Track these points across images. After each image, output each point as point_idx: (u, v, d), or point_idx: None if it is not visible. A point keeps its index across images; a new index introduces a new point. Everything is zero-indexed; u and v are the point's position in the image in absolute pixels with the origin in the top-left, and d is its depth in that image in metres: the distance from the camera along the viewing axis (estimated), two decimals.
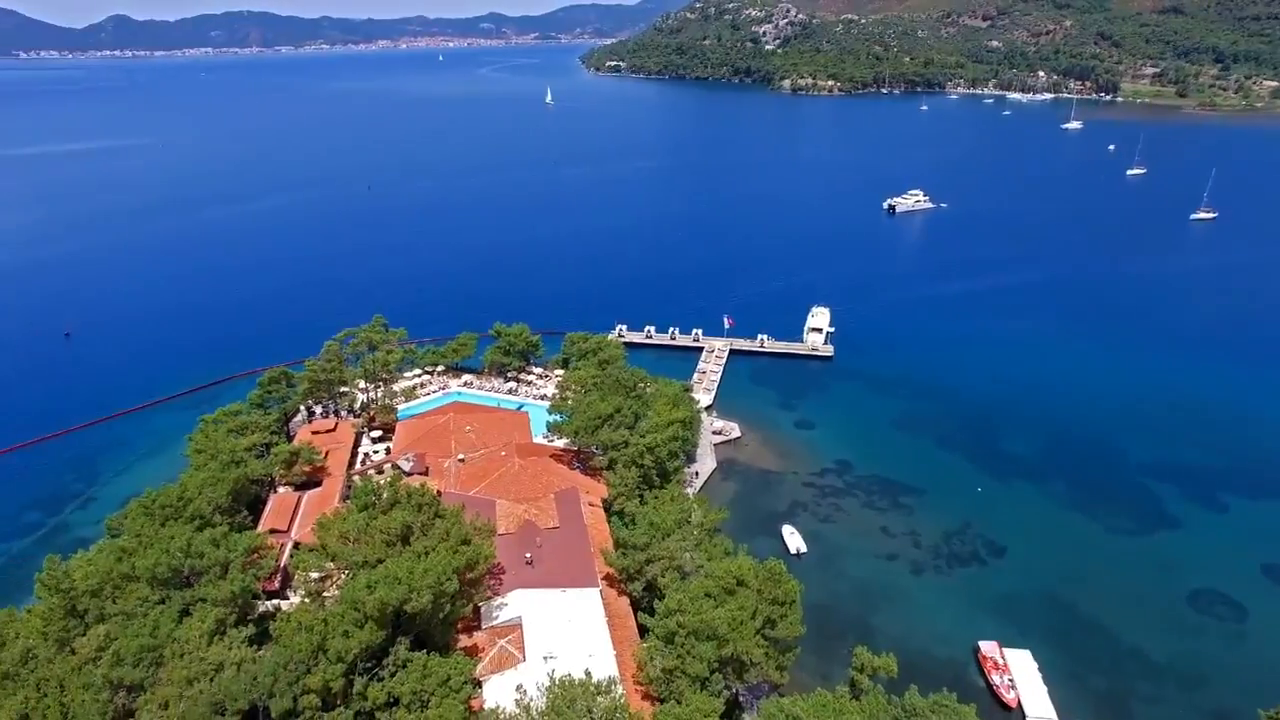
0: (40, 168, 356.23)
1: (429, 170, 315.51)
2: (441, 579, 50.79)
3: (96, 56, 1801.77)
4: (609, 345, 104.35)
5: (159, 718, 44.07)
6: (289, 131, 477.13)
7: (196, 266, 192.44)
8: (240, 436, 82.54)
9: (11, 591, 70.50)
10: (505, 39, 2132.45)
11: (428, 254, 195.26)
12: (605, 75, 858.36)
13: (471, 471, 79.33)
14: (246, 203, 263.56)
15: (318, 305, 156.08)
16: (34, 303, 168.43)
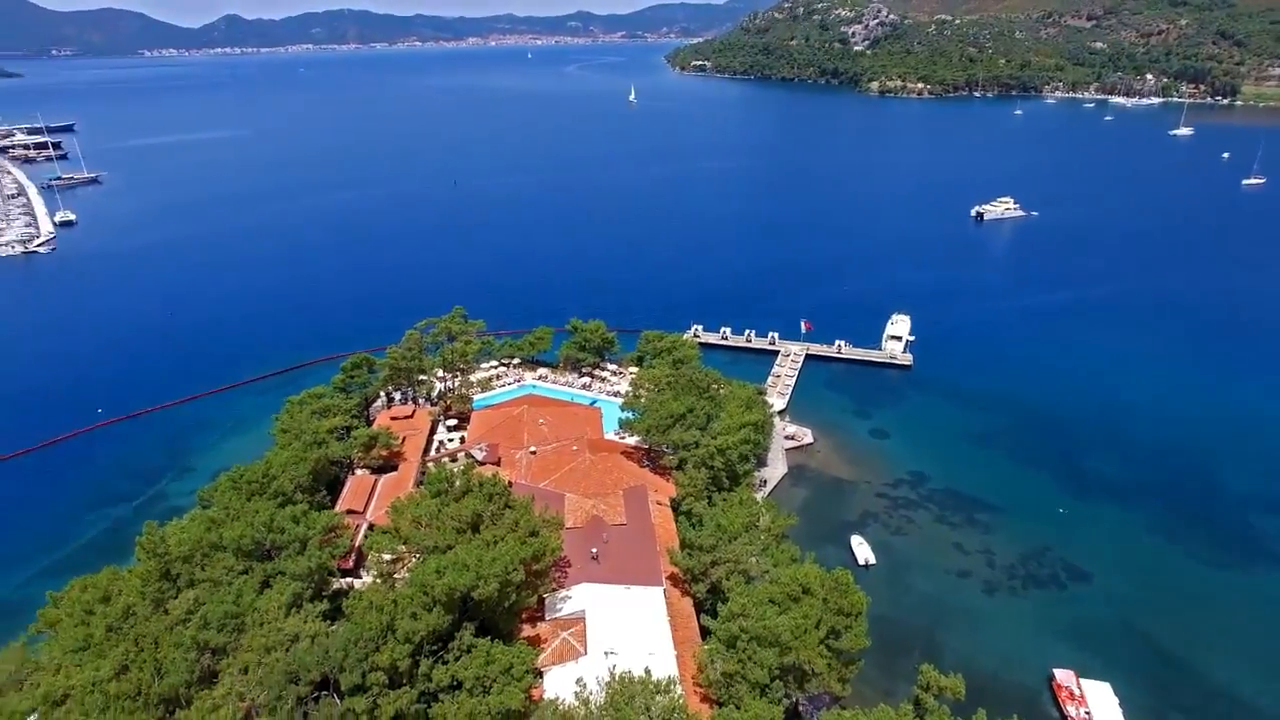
0: (151, 157, 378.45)
1: (513, 166, 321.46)
2: (509, 568, 51.80)
3: (210, 54, 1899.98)
4: (684, 345, 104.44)
5: (238, 681, 46.27)
6: (380, 125, 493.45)
7: (288, 254, 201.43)
8: (323, 419, 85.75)
9: (116, 553, 74.97)
10: (592, 37, 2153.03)
11: (509, 248, 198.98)
12: (690, 75, 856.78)
13: (542, 464, 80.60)
14: (337, 193, 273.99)
15: (401, 295, 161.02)
16: (142, 285, 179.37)
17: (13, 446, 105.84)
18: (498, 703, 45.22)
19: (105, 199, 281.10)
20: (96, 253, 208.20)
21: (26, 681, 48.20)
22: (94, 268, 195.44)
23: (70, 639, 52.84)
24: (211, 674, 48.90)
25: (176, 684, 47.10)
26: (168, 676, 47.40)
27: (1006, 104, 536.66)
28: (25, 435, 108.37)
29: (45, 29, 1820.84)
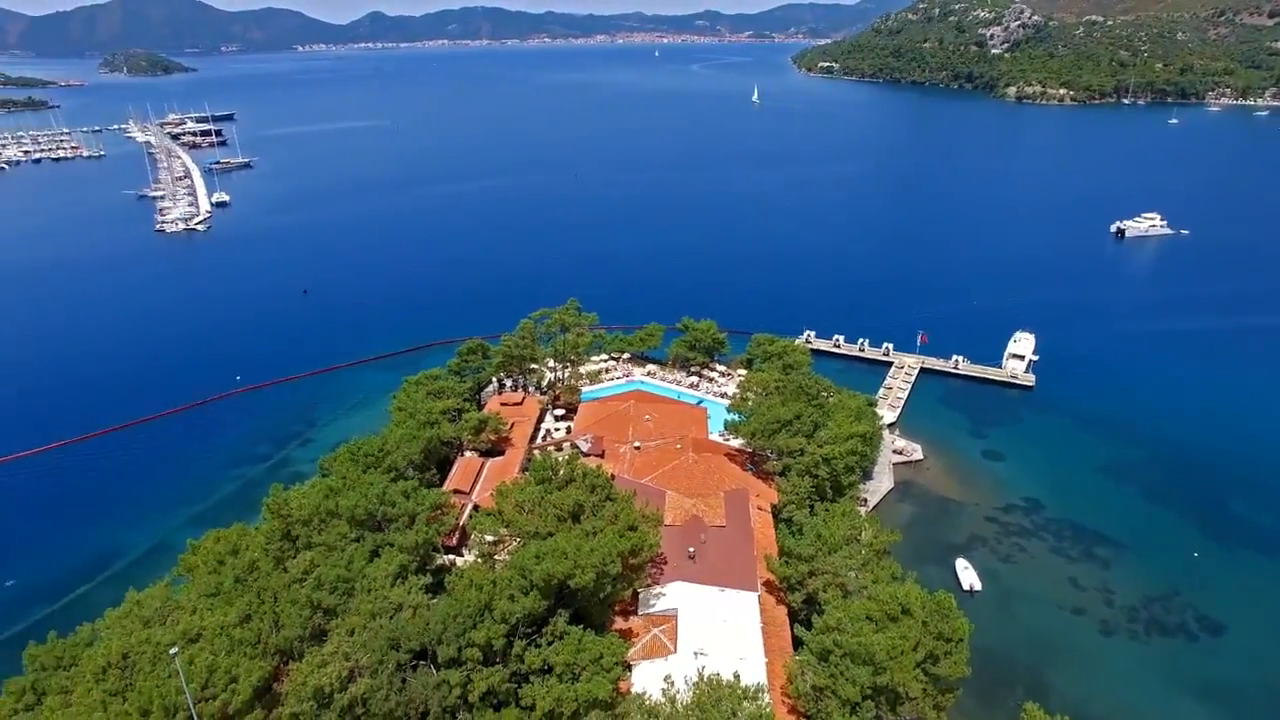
0: (297, 144, 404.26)
1: (634, 162, 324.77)
2: (606, 560, 52.56)
3: (354, 48, 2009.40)
4: (795, 350, 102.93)
5: (345, 642, 48.91)
6: (507, 118, 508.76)
7: (414, 239, 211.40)
8: (437, 400, 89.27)
9: (246, 509, 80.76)
10: (719, 36, 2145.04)
11: (625, 244, 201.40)
12: (816, 76, 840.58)
13: (646, 460, 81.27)
14: (463, 183, 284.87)
15: (518, 284, 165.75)
16: (281, 262, 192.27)
17: (164, 406, 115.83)
18: (585, 691, 45.95)
19: (255, 182, 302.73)
20: (244, 231, 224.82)
21: (169, 617, 52.64)
22: (241, 245, 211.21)
23: (204, 585, 57.40)
24: (321, 632, 51.83)
25: (291, 637, 50.28)
26: (284, 629, 50.64)
27: (1161, 112, 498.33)
28: (175, 397, 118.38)
29: (217, 28, 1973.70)
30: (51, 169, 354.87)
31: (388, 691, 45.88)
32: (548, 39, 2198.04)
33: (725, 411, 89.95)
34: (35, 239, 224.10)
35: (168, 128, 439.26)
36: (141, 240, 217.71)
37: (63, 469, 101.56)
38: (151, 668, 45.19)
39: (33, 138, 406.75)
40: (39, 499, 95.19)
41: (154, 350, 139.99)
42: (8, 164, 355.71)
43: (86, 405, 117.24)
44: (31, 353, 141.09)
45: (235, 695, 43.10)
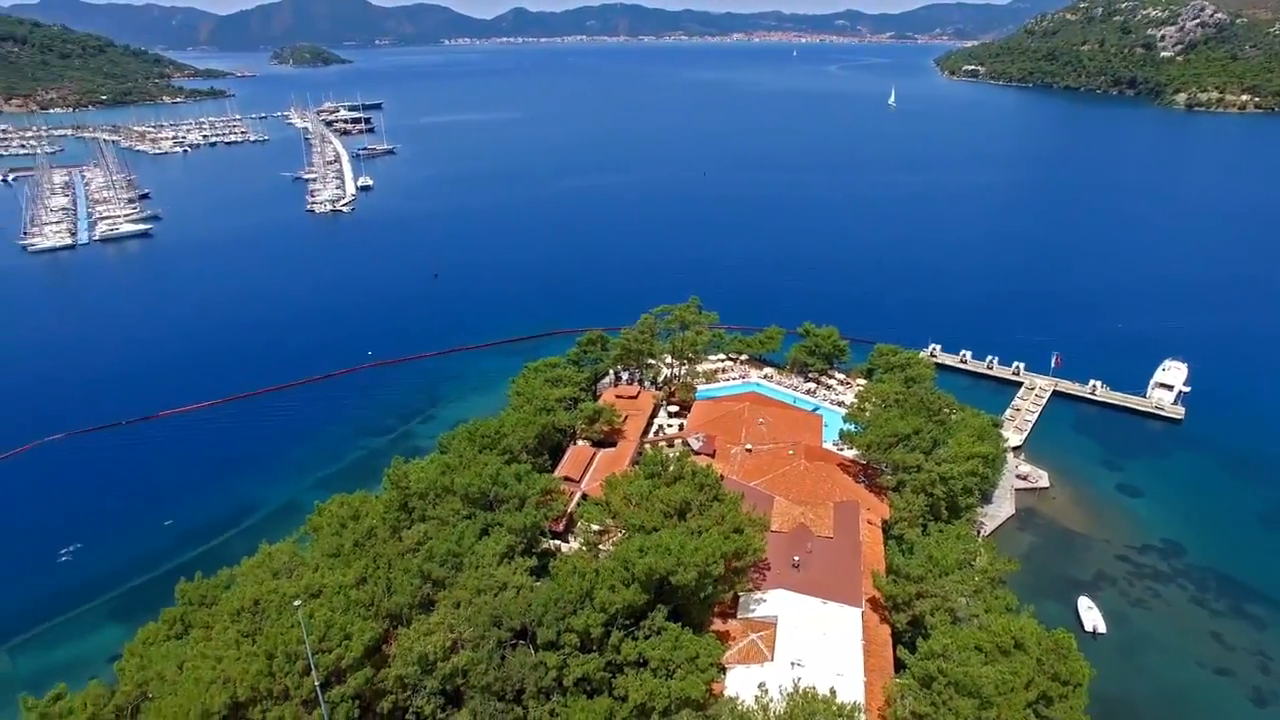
0: (437, 133, 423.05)
1: (763, 162, 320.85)
2: (709, 560, 52.32)
3: (497, 42, 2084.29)
4: (919, 363, 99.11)
5: (451, 614, 50.81)
6: (638, 114, 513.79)
7: (542, 229, 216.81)
8: (554, 387, 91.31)
9: (369, 477, 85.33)
10: (859, 36, 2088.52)
11: (749, 244, 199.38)
12: (960, 80, 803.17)
13: (756, 463, 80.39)
14: (592, 176, 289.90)
15: (639, 279, 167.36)
16: (417, 246, 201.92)
17: (303, 374, 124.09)
18: (679, 688, 45.93)
19: (397, 168, 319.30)
20: (384, 215, 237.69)
21: (295, 572, 56.36)
22: (380, 228, 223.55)
23: (326, 545, 61.04)
24: (429, 602, 54.07)
25: (401, 603, 52.74)
26: (395, 595, 53.16)
27: None
28: (313, 366, 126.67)
29: (372, 22, 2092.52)
30: (225, 151, 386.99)
31: (487, 666, 47.39)
32: (683, 36, 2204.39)
33: (841, 421, 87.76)
34: (208, 215, 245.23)
35: (323, 115, 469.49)
36: (294, 219, 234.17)
37: (217, 425, 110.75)
38: (278, 616, 48.49)
39: (210, 123, 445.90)
40: (197, 450, 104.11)
41: (297, 321, 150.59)
42: (191, 146, 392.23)
43: (238, 368, 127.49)
44: (196, 318, 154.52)
45: (348, 652, 45.61)
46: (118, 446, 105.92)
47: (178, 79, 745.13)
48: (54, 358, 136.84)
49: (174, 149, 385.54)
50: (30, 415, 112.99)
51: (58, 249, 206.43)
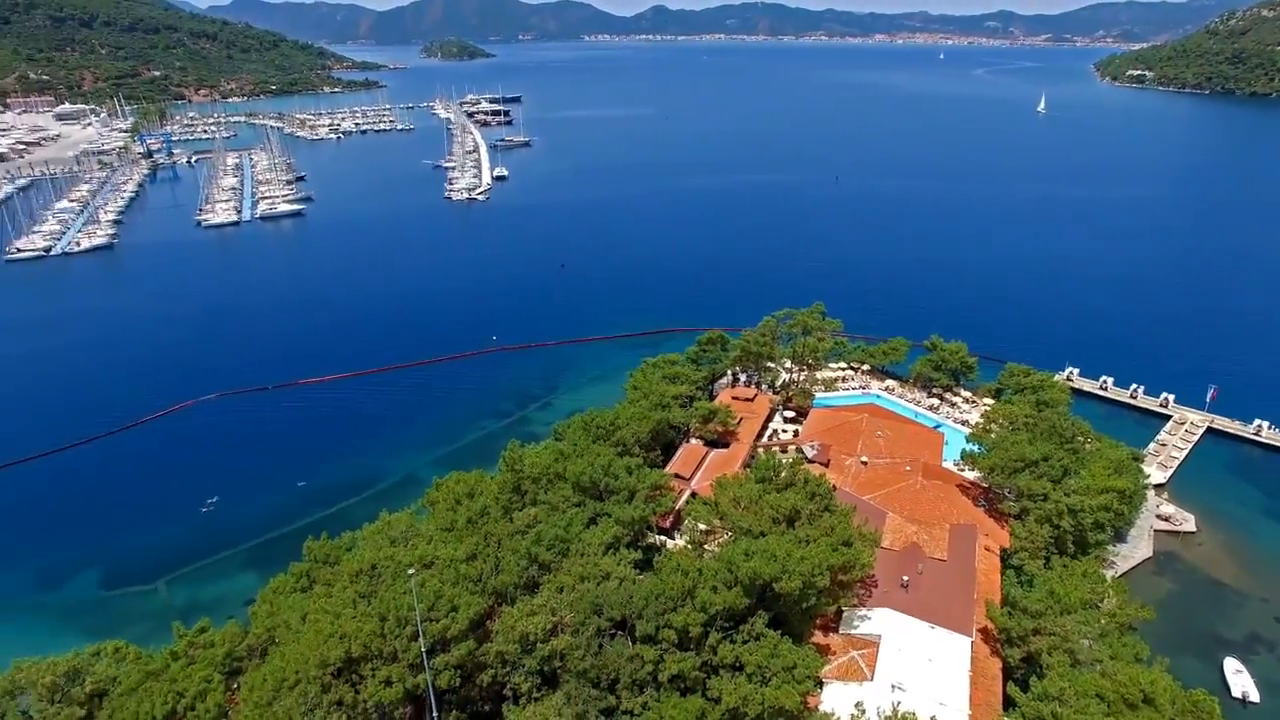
0: (572, 127, 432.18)
1: (898, 168, 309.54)
2: (815, 570, 51.15)
3: (635, 40, 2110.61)
4: (1053, 387, 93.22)
5: (554, 597, 51.91)
6: (773, 114, 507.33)
7: (669, 226, 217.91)
8: (671, 384, 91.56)
9: (485, 458, 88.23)
10: (1011, 39, 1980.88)
11: (878, 252, 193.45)
12: (1123, 85, 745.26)
13: (871, 477, 78.00)
14: (721, 175, 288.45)
15: (764, 280, 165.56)
16: (546, 236, 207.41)
17: (430, 354, 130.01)
18: (773, 696, 45.18)
19: (531, 159, 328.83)
20: (516, 204, 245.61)
21: (410, 541, 59.16)
22: (512, 217, 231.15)
23: (441, 519, 63.73)
24: (534, 584, 55.45)
25: (508, 582, 54.34)
26: (503, 573, 54.83)
27: None
28: (440, 347, 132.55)
29: (518, 18, 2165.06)
30: (375, 139, 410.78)
31: (585, 652, 48.13)
32: (824, 37, 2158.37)
33: (964, 440, 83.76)
34: (354, 198, 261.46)
35: (465, 106, 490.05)
36: (432, 205, 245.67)
37: (350, 396, 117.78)
38: (393, 581, 51.03)
39: (363, 112, 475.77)
40: (330, 419, 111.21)
41: (428, 303, 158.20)
42: (344, 134, 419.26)
43: (372, 343, 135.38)
44: (337, 293, 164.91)
45: (454, 623, 47.42)
46: (261, 409, 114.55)
47: (337, 70, 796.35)
48: (215, 323, 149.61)
49: (329, 135, 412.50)
50: (191, 374, 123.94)
51: (225, 225, 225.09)
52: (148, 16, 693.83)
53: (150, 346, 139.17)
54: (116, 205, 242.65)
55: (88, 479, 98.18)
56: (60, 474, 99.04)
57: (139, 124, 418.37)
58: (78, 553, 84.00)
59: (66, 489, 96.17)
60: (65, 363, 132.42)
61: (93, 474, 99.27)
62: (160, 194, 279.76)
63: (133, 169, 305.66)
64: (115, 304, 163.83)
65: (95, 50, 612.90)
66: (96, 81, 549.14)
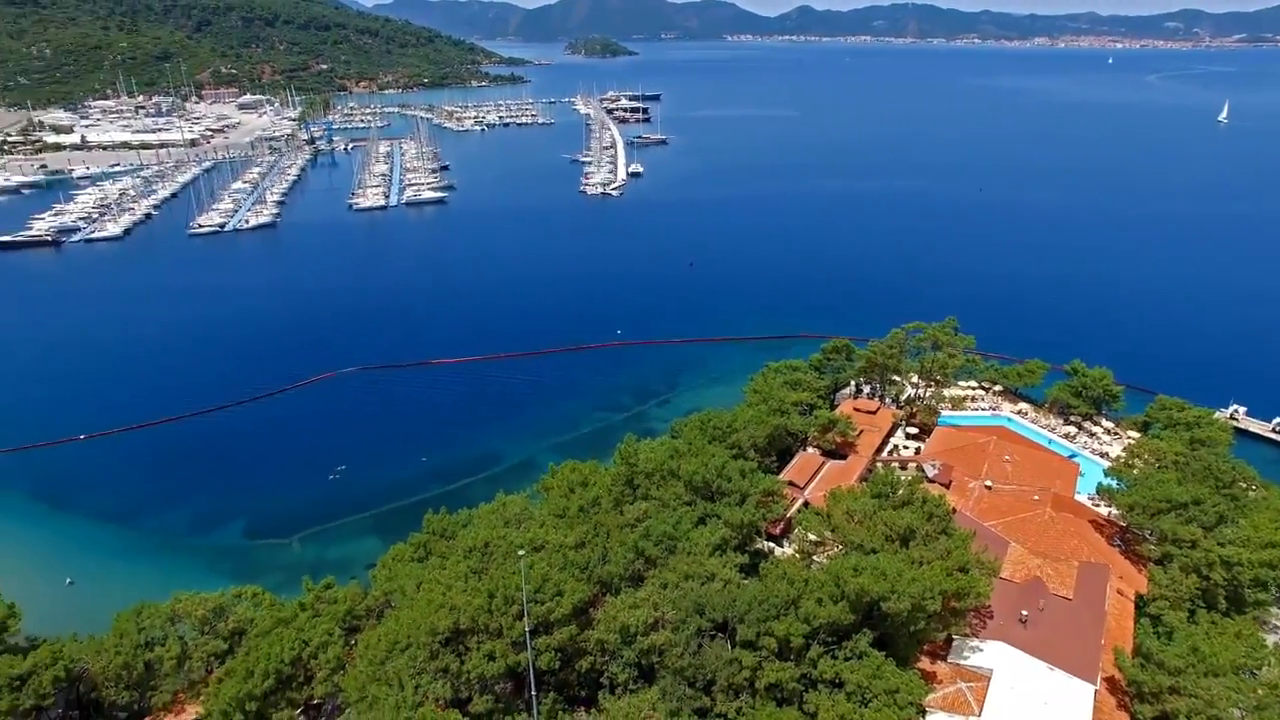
0: (709, 127, 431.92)
1: (1047, 180, 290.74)
2: (926, 593, 49.12)
3: (778, 40, 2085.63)
4: (1212, 424, 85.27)
5: (657, 592, 52.07)
6: (914, 119, 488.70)
7: (800, 229, 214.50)
8: (792, 390, 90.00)
9: (600, 449, 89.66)
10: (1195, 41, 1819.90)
11: (1020, 266, 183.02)
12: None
13: (994, 503, 74.07)
14: (857, 179, 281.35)
15: (895, 290, 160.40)
16: (676, 234, 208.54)
17: (554, 344, 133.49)
18: (872, 718, 43.79)
19: (667, 157, 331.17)
20: (649, 201, 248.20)
21: (523, 524, 61.05)
22: (644, 213, 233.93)
23: (554, 505, 65.33)
24: (639, 577, 55.94)
25: (613, 573, 55.10)
26: (609, 564, 55.62)
27: None
28: (564, 338, 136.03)
29: (662, 16, 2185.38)
30: (516, 132, 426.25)
31: (683, 650, 48.21)
32: (977, 39, 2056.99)
33: (1102, 474, 78.10)
34: (493, 188, 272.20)
35: (605, 103, 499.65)
36: (567, 199, 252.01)
37: (477, 378, 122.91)
38: (503, 561, 52.79)
39: (506, 106, 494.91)
40: (457, 399, 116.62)
41: (557, 293, 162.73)
42: (488, 126, 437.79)
43: (501, 329, 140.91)
44: (471, 279, 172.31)
45: (558, 607, 48.53)
46: (395, 385, 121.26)
47: (485, 66, 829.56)
48: (359, 300, 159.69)
49: (473, 127, 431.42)
50: (335, 347, 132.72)
51: (374, 209, 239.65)
52: (320, 15, 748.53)
53: (302, 318, 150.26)
54: (281, 187, 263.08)
55: (240, 437, 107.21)
56: (217, 430, 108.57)
57: (305, 113, 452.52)
58: (227, 503, 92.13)
59: (222, 444, 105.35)
60: (229, 329, 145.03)
61: (244, 433, 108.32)
62: (319, 178, 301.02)
63: (297, 154, 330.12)
64: (274, 278, 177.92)
65: (275, 46, 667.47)
66: (273, 74, 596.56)
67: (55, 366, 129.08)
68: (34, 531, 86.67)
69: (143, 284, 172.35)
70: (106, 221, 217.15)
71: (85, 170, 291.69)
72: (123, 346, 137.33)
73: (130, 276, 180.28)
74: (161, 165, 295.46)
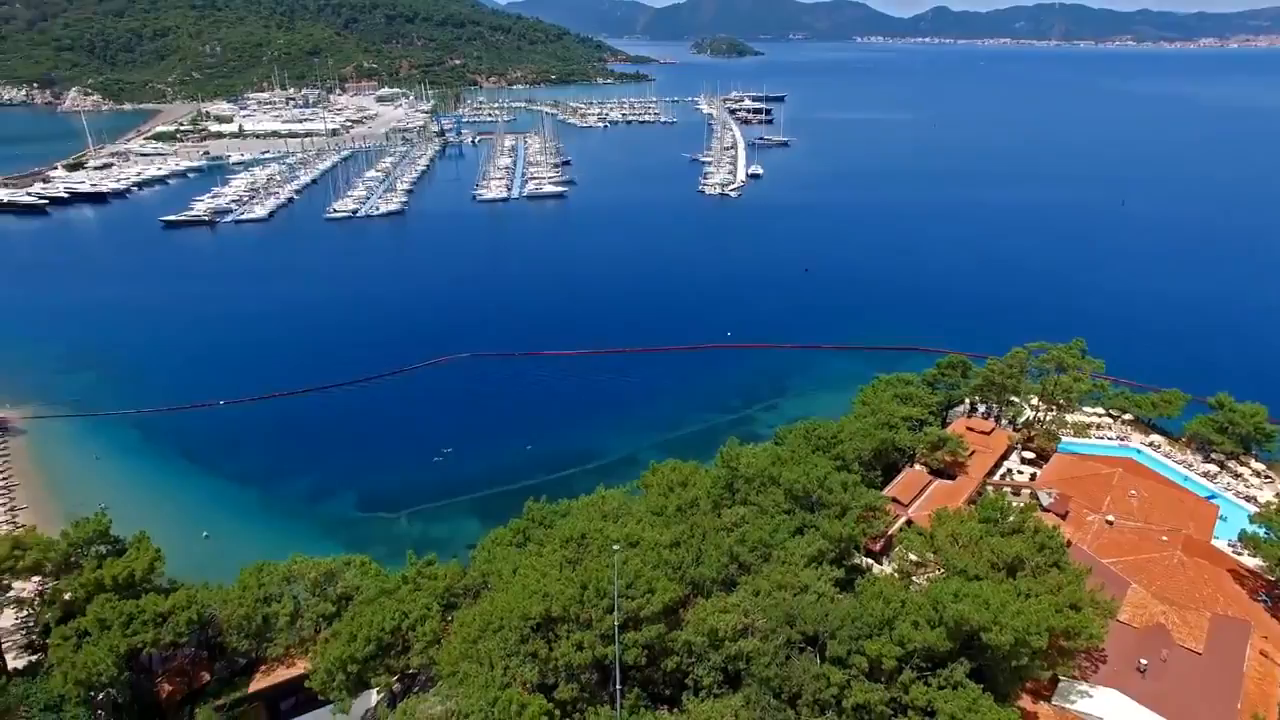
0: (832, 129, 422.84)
1: (1203, 195, 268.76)
2: (1031, 628, 46.46)
3: (910, 42, 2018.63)
4: None
5: (748, 599, 51.61)
6: (1052, 125, 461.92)
7: (921, 238, 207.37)
8: (902, 404, 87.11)
9: (702, 451, 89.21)
10: None
11: (1161, 288, 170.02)
12: None
13: (1116, 540, 69.31)
14: (987, 188, 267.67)
15: (1018, 307, 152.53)
16: (793, 238, 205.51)
17: (666, 342, 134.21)
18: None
19: (788, 160, 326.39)
20: (768, 203, 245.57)
21: (620, 519, 61.72)
22: (761, 215, 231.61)
23: (652, 503, 65.70)
24: (731, 582, 55.52)
25: (706, 575, 54.93)
26: (702, 566, 55.48)
27: None
28: (675, 337, 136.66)
29: (790, 16, 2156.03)
30: (638, 130, 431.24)
31: (771, 660, 47.57)
32: (1131, 41, 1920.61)
33: (1246, 519, 71.69)
34: (612, 184, 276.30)
35: (728, 103, 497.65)
36: (685, 198, 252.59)
37: (585, 372, 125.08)
38: (598, 553, 53.53)
39: (630, 104, 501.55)
40: (565, 391, 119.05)
41: (669, 291, 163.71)
42: (610, 123, 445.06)
43: (611, 324, 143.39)
44: (585, 273, 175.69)
45: (648, 604, 48.80)
46: (505, 374, 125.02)
47: (611, 63, 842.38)
48: (477, 288, 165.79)
49: (596, 124, 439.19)
50: (451, 332, 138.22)
51: (496, 200, 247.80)
52: (457, 13, 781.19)
53: (421, 303, 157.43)
54: (410, 176, 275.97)
55: (358, 413, 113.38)
56: (338, 405, 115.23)
57: (437, 106, 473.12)
58: (343, 474, 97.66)
59: (342, 419, 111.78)
60: (354, 309, 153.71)
61: (363, 409, 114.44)
62: (446, 169, 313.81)
63: (427, 146, 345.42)
64: (399, 263, 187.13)
65: (413, 42, 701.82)
66: (410, 69, 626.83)
67: (203, 335, 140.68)
68: (179, 486, 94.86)
69: (281, 263, 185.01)
70: (254, 204, 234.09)
71: (240, 157, 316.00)
72: (260, 320, 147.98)
73: (270, 256, 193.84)
74: (305, 153, 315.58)
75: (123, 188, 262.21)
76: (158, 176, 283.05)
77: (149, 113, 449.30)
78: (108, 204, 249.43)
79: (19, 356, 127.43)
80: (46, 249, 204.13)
